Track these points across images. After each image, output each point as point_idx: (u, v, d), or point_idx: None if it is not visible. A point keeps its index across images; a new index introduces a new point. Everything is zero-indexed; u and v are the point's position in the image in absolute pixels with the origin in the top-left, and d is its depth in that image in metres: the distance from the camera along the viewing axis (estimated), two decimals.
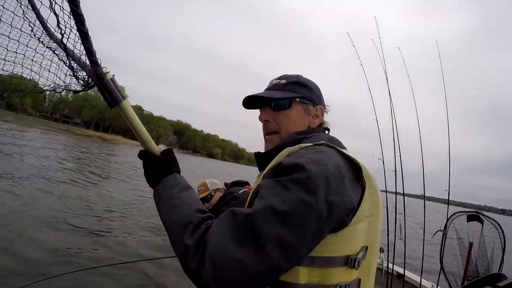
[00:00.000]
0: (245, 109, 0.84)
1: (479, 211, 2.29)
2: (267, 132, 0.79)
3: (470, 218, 2.28)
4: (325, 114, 0.82)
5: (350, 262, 0.57)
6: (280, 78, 0.81)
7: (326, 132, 0.81)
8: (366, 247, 0.61)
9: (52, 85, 0.85)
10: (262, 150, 0.79)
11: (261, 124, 0.81)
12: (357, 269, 0.59)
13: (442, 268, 2.28)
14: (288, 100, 0.76)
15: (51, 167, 10.62)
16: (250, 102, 0.81)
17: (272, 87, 0.80)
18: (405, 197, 2.52)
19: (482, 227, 2.19)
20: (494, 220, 2.19)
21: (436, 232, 2.46)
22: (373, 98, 2.79)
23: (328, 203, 0.53)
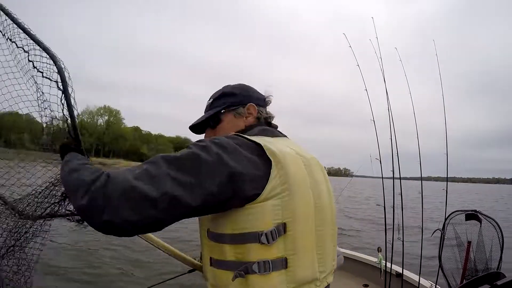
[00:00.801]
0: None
1: (477, 210, 2.29)
2: None
3: (468, 217, 2.28)
4: (268, 105, 0.92)
5: (259, 237, 0.61)
6: (209, 98, 0.92)
7: (268, 124, 0.88)
8: (284, 224, 0.62)
9: None
10: None
11: None
12: (269, 244, 0.61)
13: (440, 267, 2.28)
14: (216, 116, 0.87)
15: None
16: (196, 129, 0.94)
17: (205, 109, 0.92)
18: (408, 180, 2.51)
19: (480, 226, 2.19)
20: (492, 218, 2.19)
21: (435, 231, 2.46)
22: (369, 98, 2.78)
23: (219, 156, 0.58)
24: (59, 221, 0.82)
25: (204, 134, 0.92)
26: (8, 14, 0.74)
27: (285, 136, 0.86)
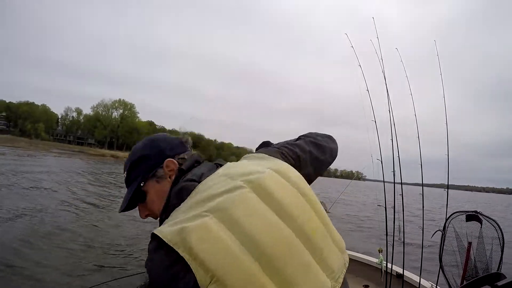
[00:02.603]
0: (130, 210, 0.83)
1: (478, 211, 2.29)
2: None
3: (469, 218, 2.28)
4: (186, 144, 0.80)
5: None
6: (124, 170, 0.79)
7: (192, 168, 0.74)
8: None
9: None
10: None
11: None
12: None
13: (441, 267, 2.28)
14: (139, 191, 0.74)
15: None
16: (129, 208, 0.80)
17: (126, 185, 0.79)
18: (418, 186, 2.53)
19: (481, 227, 2.19)
20: (493, 219, 2.19)
21: (435, 232, 2.46)
22: (371, 99, 2.80)
23: None
24: None
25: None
26: None
27: (219, 164, 0.75)
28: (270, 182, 0.63)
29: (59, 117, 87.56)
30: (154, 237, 0.56)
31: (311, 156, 0.81)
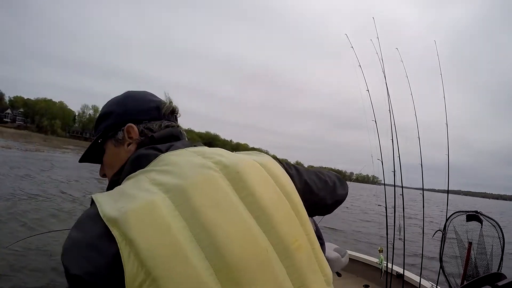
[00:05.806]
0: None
1: (478, 211, 2.29)
2: None
3: (469, 218, 2.28)
4: (166, 114, 0.66)
5: None
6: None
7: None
8: None
9: None
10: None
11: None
12: None
13: (441, 267, 2.28)
14: (97, 147, 0.65)
15: None
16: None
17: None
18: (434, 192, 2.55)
19: (481, 227, 2.19)
20: (493, 219, 2.20)
21: (436, 232, 2.47)
22: (373, 100, 2.80)
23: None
24: None
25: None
26: None
27: (191, 144, 0.61)
28: (250, 172, 0.50)
29: (76, 114, 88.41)
30: (93, 202, 0.46)
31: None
